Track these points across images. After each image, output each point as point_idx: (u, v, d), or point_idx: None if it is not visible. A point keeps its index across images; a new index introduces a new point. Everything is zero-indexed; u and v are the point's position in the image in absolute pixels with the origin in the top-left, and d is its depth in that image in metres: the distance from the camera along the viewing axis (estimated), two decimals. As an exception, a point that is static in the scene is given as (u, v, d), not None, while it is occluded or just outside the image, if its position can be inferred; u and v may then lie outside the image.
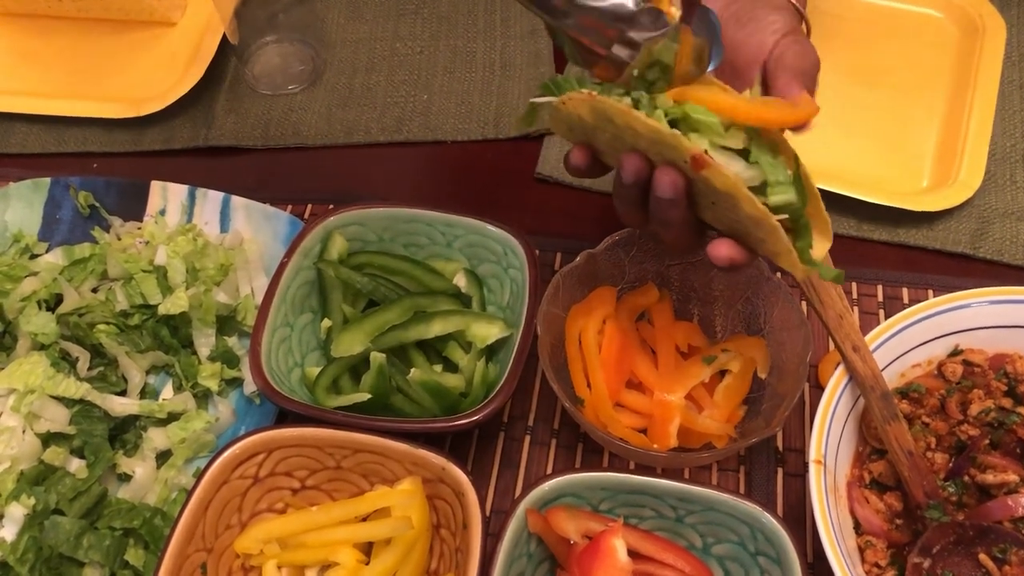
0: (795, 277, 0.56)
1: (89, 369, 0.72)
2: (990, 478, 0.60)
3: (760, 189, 0.52)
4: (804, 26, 0.62)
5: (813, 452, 0.59)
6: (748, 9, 0.59)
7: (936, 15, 0.93)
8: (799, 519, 0.66)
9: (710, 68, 0.55)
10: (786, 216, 0.52)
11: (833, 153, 0.80)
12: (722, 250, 0.55)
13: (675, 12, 0.52)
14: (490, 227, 0.72)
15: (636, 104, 0.53)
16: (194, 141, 0.89)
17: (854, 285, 0.77)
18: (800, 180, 0.53)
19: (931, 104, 0.87)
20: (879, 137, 0.84)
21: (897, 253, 0.79)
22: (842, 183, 0.78)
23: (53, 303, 0.75)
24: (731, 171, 0.51)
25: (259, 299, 0.74)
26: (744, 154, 0.53)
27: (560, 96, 0.56)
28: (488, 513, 0.66)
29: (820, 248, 0.54)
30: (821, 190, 0.60)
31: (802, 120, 0.54)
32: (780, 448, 0.69)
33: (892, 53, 0.89)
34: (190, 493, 0.60)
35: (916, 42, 0.91)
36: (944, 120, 0.85)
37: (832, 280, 0.54)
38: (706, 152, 0.51)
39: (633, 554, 0.59)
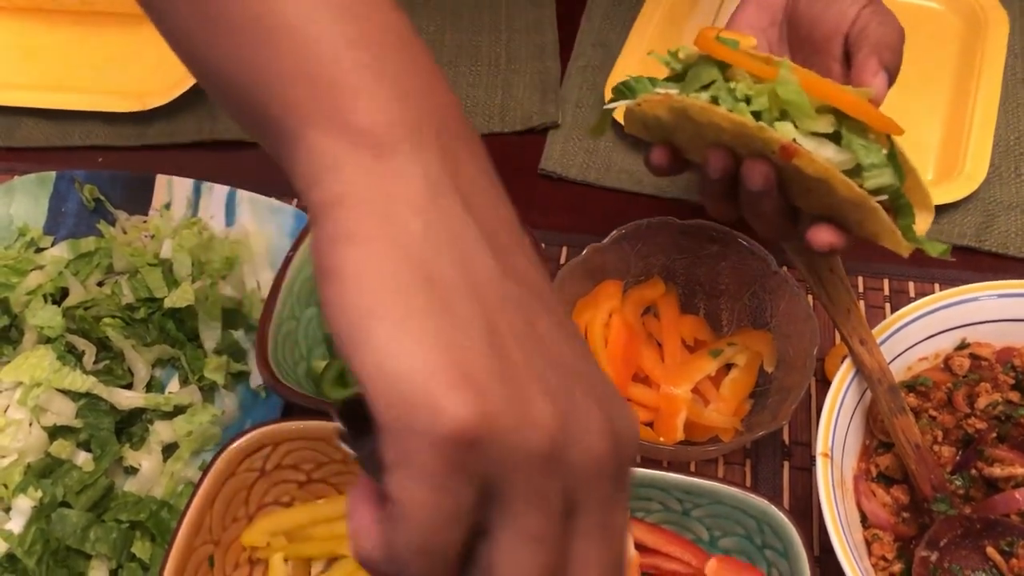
0: (896, 251, 0.55)
1: (95, 362, 0.71)
2: (997, 471, 0.60)
3: (855, 171, 0.52)
4: None
5: (820, 445, 0.59)
6: None
7: (938, 7, 0.94)
8: (805, 512, 0.66)
9: None
10: (885, 196, 0.52)
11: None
12: (823, 236, 0.55)
13: None
14: (496, 221, 0.72)
15: (715, 100, 0.53)
16: (199, 135, 0.89)
17: (860, 279, 0.77)
18: (896, 157, 0.52)
19: (934, 98, 0.87)
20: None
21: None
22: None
23: (59, 296, 0.75)
24: (822, 158, 0.50)
25: (265, 293, 0.74)
26: (834, 137, 0.52)
27: (635, 99, 0.55)
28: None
29: (923, 223, 0.54)
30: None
31: (878, 100, 0.55)
32: (787, 442, 0.69)
33: None
34: (196, 486, 0.60)
35: (918, 35, 0.90)
36: (947, 114, 0.85)
37: (940, 255, 0.54)
38: (794, 140, 0.50)
39: (640, 547, 0.59)
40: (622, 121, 0.62)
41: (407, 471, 0.30)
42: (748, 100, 0.52)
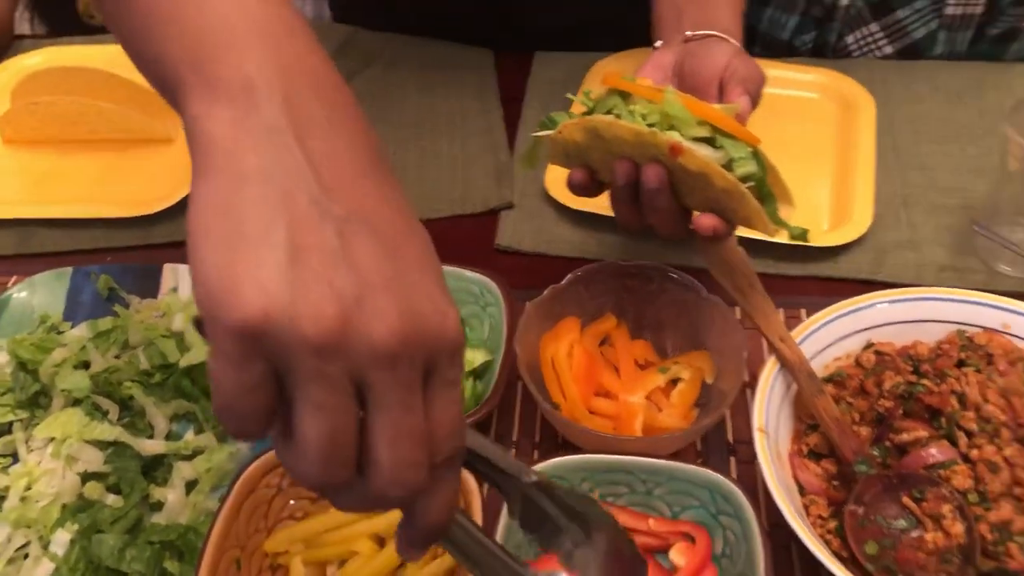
0: (765, 233, 0.70)
1: (119, 420, 0.80)
2: (905, 437, 0.71)
3: (727, 167, 0.66)
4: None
5: (756, 421, 0.70)
6: (701, 45, 0.78)
7: (816, 96, 1.13)
8: (754, 495, 0.75)
9: None
10: (752, 184, 0.66)
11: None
12: (705, 221, 0.70)
13: None
14: (468, 273, 0.84)
15: (618, 117, 0.67)
16: (198, 233, 1.01)
17: (782, 311, 0.90)
18: (759, 155, 0.67)
19: (823, 166, 1.04)
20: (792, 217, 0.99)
21: (810, 284, 0.93)
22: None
23: (82, 368, 0.84)
24: (702, 153, 0.65)
25: (267, 353, 0.84)
26: (710, 142, 0.67)
27: (557, 128, 0.70)
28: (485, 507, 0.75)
29: (785, 211, 0.69)
30: (745, 237, 0.76)
31: (743, 116, 0.72)
32: (731, 441, 0.80)
33: (787, 131, 1.07)
34: (224, 497, 0.68)
35: (804, 120, 1.10)
36: (835, 178, 1.02)
37: (799, 238, 0.68)
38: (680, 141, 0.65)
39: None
40: (558, 198, 0.76)
41: (215, 351, 0.39)
42: (644, 117, 0.67)
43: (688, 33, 0.82)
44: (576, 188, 0.75)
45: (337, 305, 0.39)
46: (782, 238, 0.74)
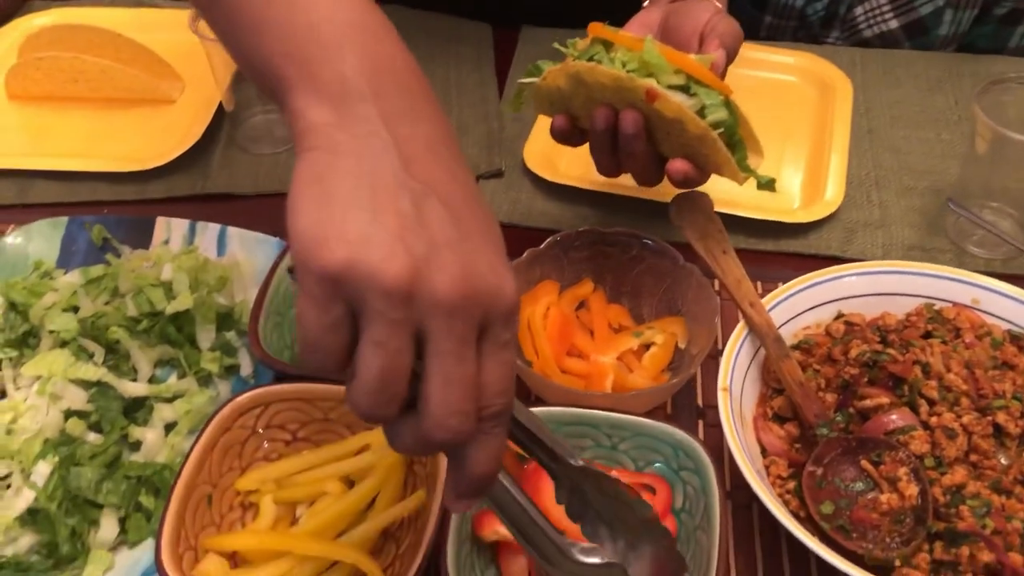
0: (734, 180, 0.73)
1: (104, 362, 0.82)
2: (868, 403, 0.73)
3: (701, 115, 0.69)
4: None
5: (721, 381, 0.72)
6: (685, 4, 0.81)
7: (795, 80, 1.15)
8: (718, 458, 0.77)
9: None
10: (723, 131, 0.69)
11: (727, 187, 0.95)
12: (678, 165, 0.73)
13: None
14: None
15: (599, 63, 0.70)
16: (192, 190, 1.03)
17: (759, 283, 0.91)
18: (730, 104, 0.69)
19: (797, 147, 1.06)
20: (760, 169, 1.00)
21: (782, 260, 0.94)
22: (734, 207, 0.94)
23: (71, 312, 0.86)
24: (677, 99, 0.67)
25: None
26: (685, 90, 0.69)
27: (542, 74, 0.73)
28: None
29: (755, 160, 0.72)
30: (720, 213, 0.78)
31: (718, 67, 0.73)
32: (700, 405, 0.82)
33: (763, 112, 1.05)
34: (198, 435, 0.70)
35: (781, 101, 1.12)
36: (809, 158, 1.04)
37: (767, 187, 0.72)
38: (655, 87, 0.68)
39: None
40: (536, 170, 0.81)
41: (302, 293, 0.44)
42: (624, 65, 0.69)
43: None
44: (558, 134, 0.78)
45: (409, 258, 0.44)
46: (750, 186, 0.76)
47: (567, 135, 0.78)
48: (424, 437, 0.46)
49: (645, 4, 0.87)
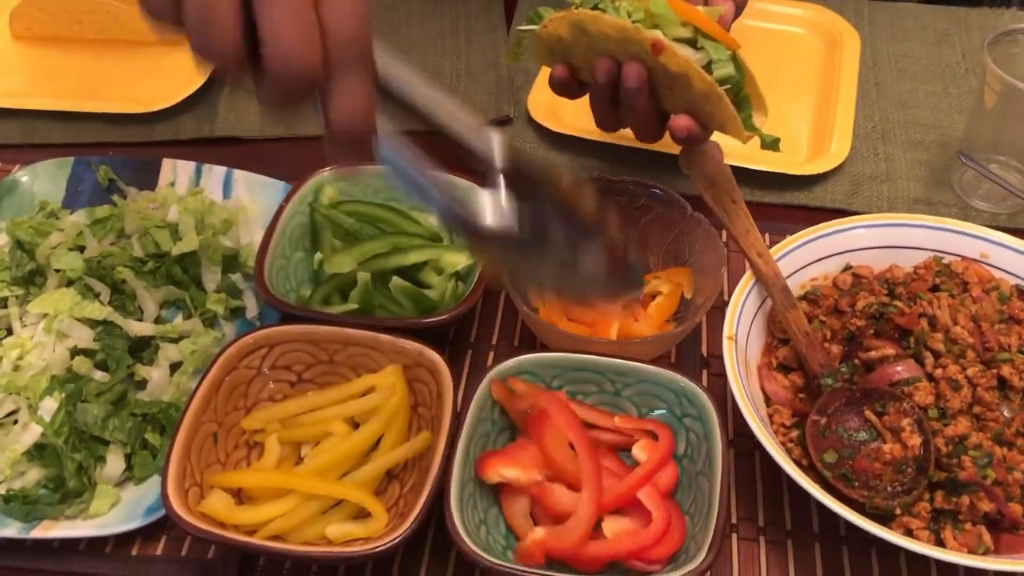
0: (738, 138, 0.72)
1: (110, 302, 0.82)
2: (873, 355, 0.73)
3: (707, 70, 0.67)
4: None
5: (726, 330, 0.72)
6: None
7: (802, 31, 1.13)
8: (722, 406, 0.77)
9: None
10: (729, 87, 0.68)
11: (730, 140, 0.96)
12: (681, 122, 0.72)
13: None
14: (460, 180, 0.84)
15: (603, 11, 0.69)
16: (198, 132, 1.02)
17: (767, 235, 0.91)
18: (737, 60, 0.68)
19: (805, 99, 1.05)
20: (765, 126, 0.99)
21: (788, 212, 0.94)
22: (739, 159, 0.93)
23: (78, 251, 0.86)
24: (683, 52, 0.66)
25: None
26: (691, 43, 0.68)
27: (543, 21, 0.71)
28: (459, 401, 0.77)
29: (759, 118, 0.71)
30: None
31: (726, 20, 0.72)
32: (705, 354, 0.82)
33: (770, 64, 1.06)
34: (204, 373, 0.70)
35: (788, 53, 1.11)
36: (815, 110, 1.03)
37: (771, 146, 0.70)
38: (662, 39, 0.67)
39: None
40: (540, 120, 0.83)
41: None
42: (629, 15, 0.68)
43: None
44: (557, 85, 0.77)
45: None
46: (753, 145, 0.75)
47: (566, 86, 0.77)
48: (274, 78, 0.47)
49: None
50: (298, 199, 0.84)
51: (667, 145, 0.94)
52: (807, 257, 0.79)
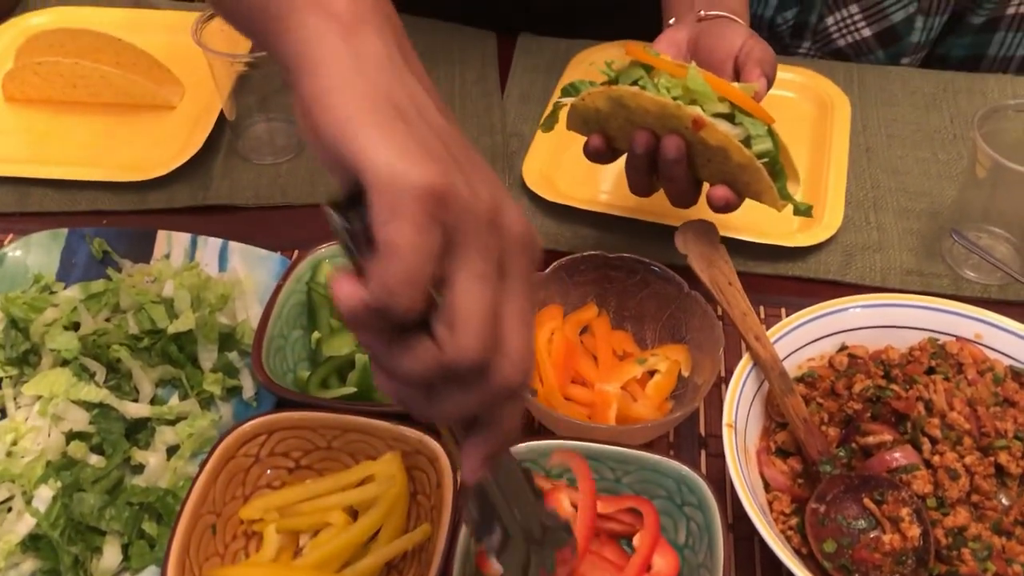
0: (773, 207, 0.75)
1: (105, 382, 0.82)
2: (871, 440, 0.73)
3: (744, 143, 0.69)
4: None
5: (725, 417, 0.72)
6: (715, 24, 0.82)
7: (794, 96, 1.14)
8: (720, 489, 0.77)
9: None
10: (767, 160, 0.69)
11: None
12: (719, 192, 0.74)
13: None
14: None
15: (643, 88, 0.71)
16: (193, 200, 1.02)
17: (762, 308, 0.91)
18: (773, 134, 0.70)
19: (797, 167, 1.03)
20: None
21: (781, 283, 0.95)
22: (732, 231, 0.94)
23: (72, 329, 0.86)
24: (723, 128, 0.68)
25: (255, 324, 0.85)
26: (728, 118, 0.69)
27: (580, 94, 0.73)
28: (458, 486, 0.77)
29: (793, 187, 0.73)
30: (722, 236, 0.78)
31: (759, 96, 0.74)
32: (703, 434, 0.82)
33: None
34: (202, 464, 0.70)
35: (781, 118, 1.08)
36: (807, 177, 1.03)
37: (805, 213, 0.75)
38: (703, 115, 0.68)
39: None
40: (535, 189, 0.77)
41: (397, 219, 0.41)
42: (668, 91, 0.70)
43: (701, 13, 0.85)
44: (593, 154, 0.80)
45: (490, 189, 0.44)
46: (786, 211, 0.78)
47: (602, 154, 0.79)
48: (501, 383, 0.44)
49: (671, 22, 0.87)
50: (295, 277, 0.84)
51: (661, 216, 0.96)
52: (803, 338, 0.79)
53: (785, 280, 0.95)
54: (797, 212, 0.76)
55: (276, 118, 1.08)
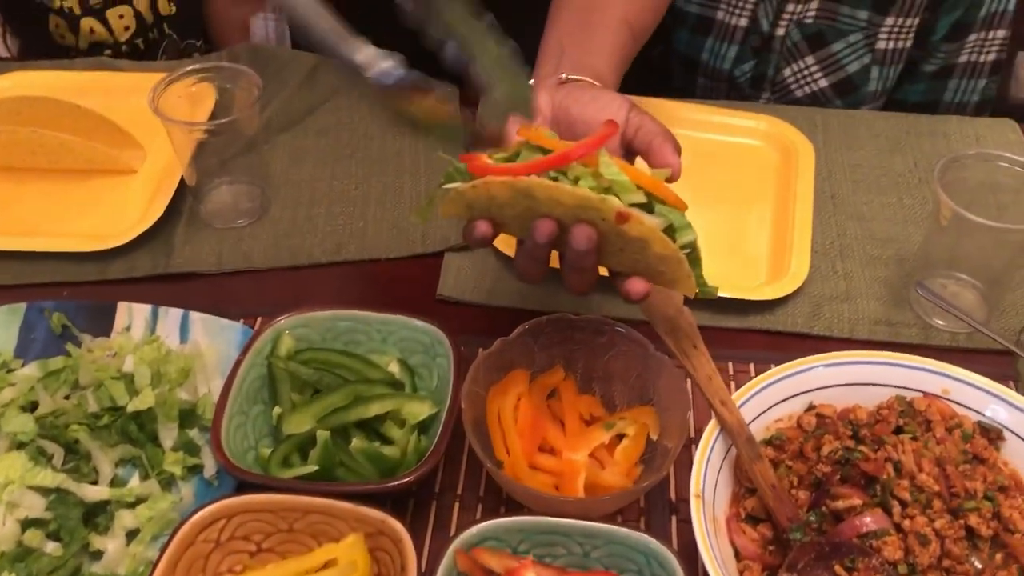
0: (687, 293, 0.72)
1: (63, 464, 0.80)
2: (840, 504, 0.72)
3: (668, 234, 0.66)
4: None
5: (693, 487, 0.71)
6: (582, 91, 0.78)
7: (759, 144, 1.14)
8: (692, 556, 0.75)
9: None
10: (689, 251, 0.67)
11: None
12: (638, 287, 0.71)
13: None
14: (418, 323, 0.85)
15: (555, 179, 0.67)
16: (155, 269, 1.01)
17: (730, 364, 0.91)
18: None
19: (761, 215, 1.06)
20: (722, 245, 1.00)
21: (750, 337, 0.94)
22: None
23: (30, 409, 0.84)
24: (649, 221, 0.65)
25: (216, 397, 0.84)
26: (645, 207, 0.67)
27: (470, 181, 0.69)
28: (423, 568, 0.75)
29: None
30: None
31: (674, 179, 0.72)
32: (673, 499, 0.81)
33: (725, 177, 1.09)
34: (162, 551, 0.68)
35: (744, 167, 1.11)
36: (773, 227, 1.03)
37: (710, 295, 0.71)
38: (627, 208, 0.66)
39: (548, 585, 0.69)
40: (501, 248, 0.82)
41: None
42: (577, 181, 0.67)
43: (563, 76, 0.82)
44: (478, 240, 0.72)
45: None
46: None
47: (488, 242, 0.73)
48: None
49: (530, 82, 0.82)
50: (255, 351, 0.83)
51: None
52: (770, 399, 0.79)
53: (753, 334, 0.94)
54: (704, 295, 0.72)
55: (237, 179, 1.07)
